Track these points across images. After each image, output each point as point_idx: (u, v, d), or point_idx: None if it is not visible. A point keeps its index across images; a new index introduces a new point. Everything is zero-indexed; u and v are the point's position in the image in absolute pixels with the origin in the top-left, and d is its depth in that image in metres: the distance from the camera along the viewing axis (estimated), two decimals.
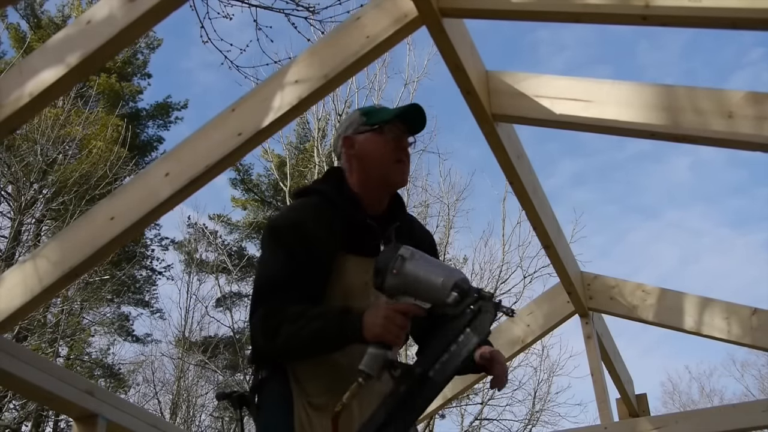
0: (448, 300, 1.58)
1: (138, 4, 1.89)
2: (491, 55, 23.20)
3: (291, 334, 1.64)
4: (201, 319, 16.55)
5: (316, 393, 1.69)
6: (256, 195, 18.64)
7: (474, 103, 2.25)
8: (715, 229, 34.11)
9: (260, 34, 4.38)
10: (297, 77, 2.25)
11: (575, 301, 3.75)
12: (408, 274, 1.62)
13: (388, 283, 1.63)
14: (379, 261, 1.65)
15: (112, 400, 2.65)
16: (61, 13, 17.25)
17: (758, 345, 3.57)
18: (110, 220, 2.38)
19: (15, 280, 2.47)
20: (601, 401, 3.67)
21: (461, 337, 1.58)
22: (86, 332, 14.46)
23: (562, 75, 2.40)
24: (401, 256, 1.63)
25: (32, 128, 12.06)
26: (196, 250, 17.13)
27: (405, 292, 1.62)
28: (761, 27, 1.78)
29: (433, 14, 1.98)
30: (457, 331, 1.58)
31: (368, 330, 1.59)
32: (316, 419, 1.66)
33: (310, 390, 1.70)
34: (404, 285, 1.62)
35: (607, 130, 2.33)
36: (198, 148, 2.34)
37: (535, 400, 14.63)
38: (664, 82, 2.29)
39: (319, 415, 1.67)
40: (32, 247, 11.91)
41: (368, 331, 1.58)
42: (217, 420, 15.99)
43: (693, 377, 35.80)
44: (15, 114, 1.97)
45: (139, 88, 18.63)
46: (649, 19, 1.86)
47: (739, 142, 2.12)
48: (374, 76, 13.14)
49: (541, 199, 3.02)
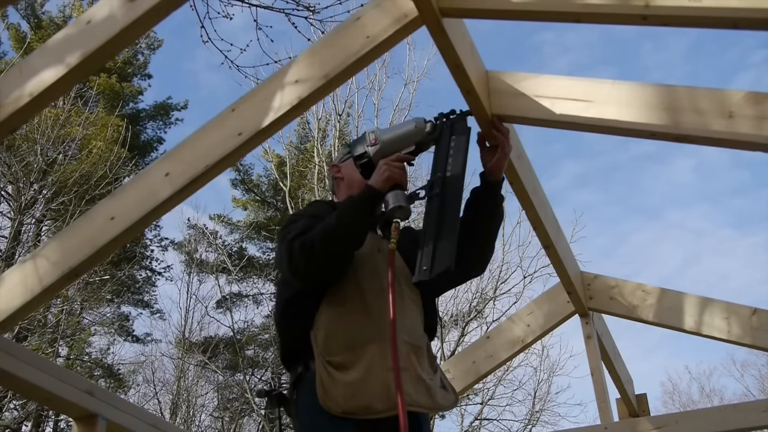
0: (427, 131, 1.99)
1: (138, 4, 1.89)
2: (495, 56, 23.25)
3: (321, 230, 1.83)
4: (201, 320, 16.56)
5: (336, 351, 1.80)
6: (257, 195, 18.63)
7: (474, 102, 2.25)
8: (718, 229, 34.14)
9: (261, 34, 4.38)
10: (297, 77, 2.25)
11: (575, 301, 3.75)
12: (385, 139, 2.00)
13: (373, 153, 2.00)
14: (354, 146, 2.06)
15: (112, 400, 2.65)
16: (61, 13, 17.26)
17: (758, 345, 3.57)
18: (110, 220, 2.38)
19: (15, 280, 2.47)
20: (601, 401, 3.67)
21: (452, 143, 1.95)
22: (86, 332, 14.46)
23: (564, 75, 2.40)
24: (369, 132, 2.05)
25: (32, 128, 12.07)
26: (196, 251, 17.12)
27: (390, 152, 1.97)
28: (762, 27, 1.78)
29: (433, 14, 1.98)
30: (446, 141, 1.96)
31: (377, 182, 1.87)
32: (337, 377, 1.76)
33: (330, 349, 1.81)
34: (387, 147, 1.98)
35: (607, 130, 2.33)
36: (198, 148, 2.34)
37: (535, 400, 14.63)
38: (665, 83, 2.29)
39: (339, 373, 1.77)
40: (32, 247, 11.91)
41: (377, 183, 1.87)
42: (217, 420, 15.98)
43: (693, 377, 35.82)
44: (15, 114, 1.97)
45: (140, 89, 18.62)
46: (649, 19, 1.85)
47: (739, 142, 2.12)
48: (374, 76, 13.17)
49: (541, 199, 3.02)
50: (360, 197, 1.87)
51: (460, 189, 1.90)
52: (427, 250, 1.79)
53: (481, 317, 14.34)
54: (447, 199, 1.87)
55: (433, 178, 1.92)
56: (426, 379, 1.82)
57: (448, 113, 2.05)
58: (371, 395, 1.74)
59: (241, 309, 17.56)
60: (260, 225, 18.03)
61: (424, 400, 1.80)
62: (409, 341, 1.86)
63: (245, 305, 17.85)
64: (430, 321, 2.03)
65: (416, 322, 1.95)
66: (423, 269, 1.77)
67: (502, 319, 12.60)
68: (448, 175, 1.90)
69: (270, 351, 16.35)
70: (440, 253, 1.77)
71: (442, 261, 1.76)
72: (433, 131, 1.99)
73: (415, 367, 1.82)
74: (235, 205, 18.99)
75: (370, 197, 1.86)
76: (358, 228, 1.84)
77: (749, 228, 34.20)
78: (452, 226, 1.82)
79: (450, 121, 2.02)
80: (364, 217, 1.85)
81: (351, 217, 1.83)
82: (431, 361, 1.92)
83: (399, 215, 1.85)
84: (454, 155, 1.93)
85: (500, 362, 4.17)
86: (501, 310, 14.15)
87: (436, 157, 1.96)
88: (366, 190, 1.87)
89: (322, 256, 1.80)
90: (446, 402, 1.87)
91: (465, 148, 1.95)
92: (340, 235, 1.82)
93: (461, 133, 1.99)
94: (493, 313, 14.26)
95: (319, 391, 1.77)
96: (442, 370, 1.98)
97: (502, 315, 13.81)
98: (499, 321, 13.59)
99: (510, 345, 4.07)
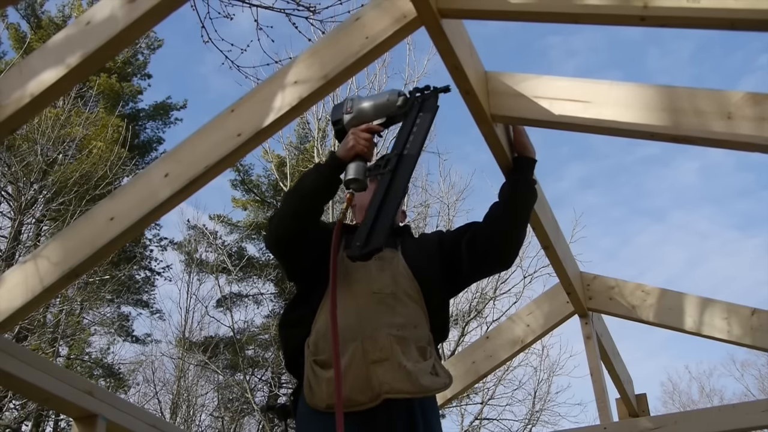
0: (399, 104, 2.00)
1: (138, 4, 1.89)
2: (501, 60, 23.27)
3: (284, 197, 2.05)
4: (201, 319, 16.56)
5: (323, 350, 1.89)
6: (257, 195, 18.63)
7: (473, 103, 2.25)
8: (723, 231, 34.13)
9: (262, 35, 4.38)
10: (297, 77, 2.25)
11: (575, 302, 3.75)
12: (360, 107, 2.03)
13: (346, 121, 2.03)
14: (334, 111, 2.08)
15: (112, 400, 2.66)
16: (61, 14, 17.25)
17: (758, 345, 3.56)
18: (110, 220, 2.38)
19: (16, 280, 2.47)
20: (600, 401, 3.67)
21: (418, 120, 1.97)
22: (86, 332, 14.45)
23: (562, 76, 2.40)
24: (349, 99, 2.07)
25: (32, 128, 12.07)
26: (196, 251, 17.12)
27: (361, 122, 2.00)
28: (760, 28, 1.78)
29: (431, 15, 1.97)
30: (413, 117, 1.98)
31: (342, 150, 1.94)
32: (321, 374, 1.87)
33: (319, 349, 1.91)
34: (358, 117, 2.02)
35: (607, 131, 2.33)
36: (198, 149, 2.34)
37: (535, 400, 14.65)
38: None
39: (322, 371, 1.87)
40: (32, 247, 11.92)
41: (342, 151, 1.94)
42: (217, 420, 15.98)
43: (693, 377, 35.81)
44: (15, 114, 1.97)
45: (139, 88, 18.61)
46: (648, 20, 1.85)
47: (739, 143, 2.11)
48: (374, 76, 13.15)
49: (541, 200, 3.02)
50: (324, 164, 1.97)
51: (410, 169, 1.91)
52: (364, 227, 1.79)
53: (481, 317, 14.37)
54: (396, 177, 1.88)
55: (389, 155, 1.95)
56: (407, 366, 1.84)
57: (423, 88, 2.06)
58: (351, 388, 1.80)
59: (241, 309, 17.58)
60: (260, 225, 18.02)
61: (405, 386, 1.82)
62: (397, 334, 1.88)
63: (245, 305, 17.87)
64: (436, 322, 2.03)
65: (412, 320, 1.95)
66: (356, 245, 1.78)
67: (502, 319, 12.60)
68: (405, 153, 1.91)
69: (270, 351, 16.36)
70: (377, 232, 1.77)
71: (377, 239, 1.76)
72: (404, 105, 2.00)
73: (397, 356, 1.84)
74: (235, 206, 19.00)
75: (331, 165, 1.95)
76: (317, 190, 1.96)
77: (754, 230, 34.25)
78: (393, 206, 1.83)
79: (422, 97, 2.03)
80: (323, 182, 1.95)
81: (311, 180, 1.98)
82: (421, 351, 1.92)
83: (353, 186, 1.91)
84: (416, 133, 1.94)
85: (500, 362, 4.17)
86: (501, 310, 14.19)
87: (399, 132, 1.98)
88: (329, 156, 1.97)
89: (284, 216, 1.98)
90: (435, 385, 1.89)
91: (427, 127, 1.96)
92: (299, 195, 1.98)
93: (428, 110, 1.99)
94: (493, 313, 14.29)
95: (306, 391, 1.87)
96: (439, 361, 1.98)
97: (502, 315, 13.83)
98: (499, 321, 13.61)
99: (510, 345, 4.07)
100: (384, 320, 1.89)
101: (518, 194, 2.19)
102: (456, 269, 2.11)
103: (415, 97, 2.03)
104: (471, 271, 2.14)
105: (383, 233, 1.77)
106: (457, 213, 14.33)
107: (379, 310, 1.91)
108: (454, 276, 2.12)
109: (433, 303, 2.03)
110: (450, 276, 2.11)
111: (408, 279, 2.00)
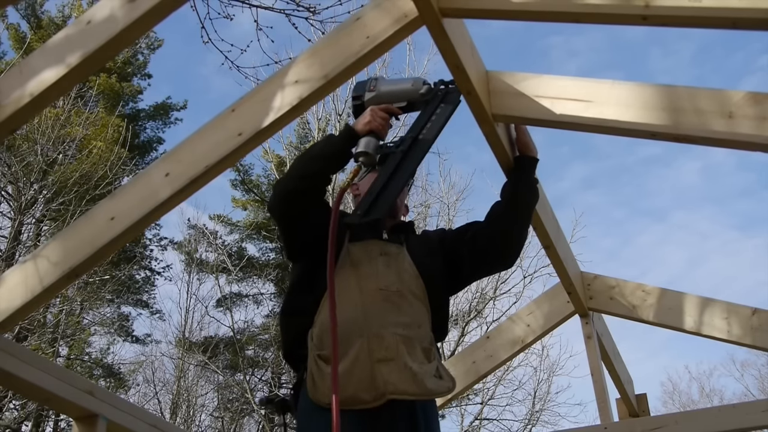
0: (422, 92, 2.05)
1: (138, 4, 1.89)
2: (504, 59, 23.25)
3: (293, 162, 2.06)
4: (201, 319, 16.55)
5: (327, 345, 1.86)
6: (257, 195, 18.62)
7: (474, 103, 2.24)
8: (724, 231, 34.15)
9: (262, 36, 4.39)
10: (297, 77, 2.25)
11: (575, 301, 3.74)
12: (382, 88, 2.07)
13: (366, 99, 2.07)
14: (356, 87, 2.11)
15: (112, 400, 2.65)
16: (61, 14, 17.24)
17: (758, 345, 3.57)
18: (110, 220, 2.38)
19: (16, 280, 2.47)
20: (600, 401, 3.67)
21: (438, 110, 2.02)
22: (86, 332, 14.45)
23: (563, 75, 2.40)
24: (374, 78, 2.10)
25: (32, 128, 12.06)
26: (196, 250, 17.11)
27: (381, 102, 2.04)
28: (761, 27, 1.77)
29: (433, 14, 1.97)
30: (433, 106, 2.03)
31: (358, 123, 1.98)
32: (325, 369, 1.85)
33: (323, 343, 1.89)
34: (380, 97, 2.06)
35: (607, 130, 2.32)
36: (198, 149, 2.34)
37: (535, 400, 14.65)
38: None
39: (327, 366, 1.85)
40: (32, 247, 11.91)
41: (358, 124, 1.98)
42: (218, 420, 15.98)
43: (693, 377, 35.82)
44: (15, 114, 1.97)
45: (139, 88, 18.61)
46: (649, 19, 1.85)
47: (740, 143, 2.11)
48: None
49: (542, 199, 3.02)
50: (338, 135, 2.01)
51: (423, 153, 1.97)
52: (369, 197, 1.86)
53: (481, 317, 14.36)
54: (407, 158, 1.93)
55: (405, 136, 1.99)
56: (413, 368, 1.84)
57: (449, 82, 2.12)
58: (356, 386, 1.79)
59: (241, 309, 17.57)
60: (260, 225, 18.02)
61: (410, 387, 1.82)
62: (403, 334, 1.88)
63: (245, 305, 17.86)
64: (436, 320, 2.04)
65: (417, 319, 1.95)
66: (357, 213, 1.84)
67: (502, 319, 12.60)
68: (420, 137, 1.96)
69: (270, 351, 16.35)
70: (380, 204, 1.83)
71: (379, 210, 1.82)
72: (426, 93, 2.06)
73: (403, 357, 1.84)
74: (235, 205, 18.99)
75: (345, 135, 1.99)
76: (326, 156, 1.99)
77: (755, 230, 34.26)
78: (399, 183, 1.89)
79: (445, 90, 2.10)
80: (333, 149, 1.99)
81: (321, 147, 2.03)
82: (426, 352, 1.92)
83: (363, 160, 1.95)
84: (434, 121, 2.00)
85: (500, 362, 4.17)
86: (501, 310, 14.18)
87: (418, 118, 2.03)
88: (344, 128, 2.00)
89: (291, 176, 2.01)
90: (439, 388, 1.89)
91: (446, 118, 2.01)
92: (308, 158, 2.03)
93: (450, 103, 2.05)
94: (493, 313, 14.29)
95: (309, 386, 1.84)
96: (442, 364, 1.99)
97: (502, 315, 13.82)
98: (499, 321, 13.61)
99: (510, 345, 4.07)
100: (390, 319, 1.89)
101: (520, 193, 2.20)
102: (457, 268, 2.12)
103: (438, 88, 2.09)
104: (472, 270, 2.15)
105: (386, 207, 1.82)
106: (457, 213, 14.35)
107: (386, 308, 1.90)
108: (455, 274, 2.12)
109: (435, 301, 2.03)
110: (451, 274, 2.12)
111: (413, 277, 2.00)
